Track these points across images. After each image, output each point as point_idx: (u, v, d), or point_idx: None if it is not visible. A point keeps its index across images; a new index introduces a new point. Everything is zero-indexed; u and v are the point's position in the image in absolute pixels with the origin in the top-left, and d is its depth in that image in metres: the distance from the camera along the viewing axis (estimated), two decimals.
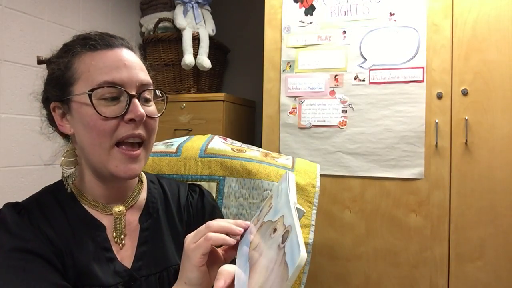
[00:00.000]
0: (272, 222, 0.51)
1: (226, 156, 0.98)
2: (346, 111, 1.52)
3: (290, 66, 1.60)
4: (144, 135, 0.66)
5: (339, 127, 1.53)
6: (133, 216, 0.73)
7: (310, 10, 1.58)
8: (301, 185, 0.97)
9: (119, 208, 0.71)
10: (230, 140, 1.12)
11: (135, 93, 0.65)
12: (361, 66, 1.50)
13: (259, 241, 0.51)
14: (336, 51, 1.54)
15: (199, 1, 1.99)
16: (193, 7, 1.97)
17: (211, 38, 1.98)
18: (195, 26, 1.96)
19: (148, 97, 0.69)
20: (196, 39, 1.92)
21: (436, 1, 1.42)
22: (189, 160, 0.98)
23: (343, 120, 1.52)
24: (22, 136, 1.52)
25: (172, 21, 1.97)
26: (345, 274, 1.51)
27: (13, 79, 1.49)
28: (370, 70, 1.49)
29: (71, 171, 0.70)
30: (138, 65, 0.69)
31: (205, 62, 1.89)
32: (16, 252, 0.59)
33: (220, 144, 1.04)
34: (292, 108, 1.59)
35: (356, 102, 1.51)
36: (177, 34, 1.93)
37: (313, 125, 1.56)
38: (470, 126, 1.37)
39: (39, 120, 0.76)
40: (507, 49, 1.33)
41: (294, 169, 1.02)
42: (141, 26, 2.20)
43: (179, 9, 1.95)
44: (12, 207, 0.66)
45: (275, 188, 0.60)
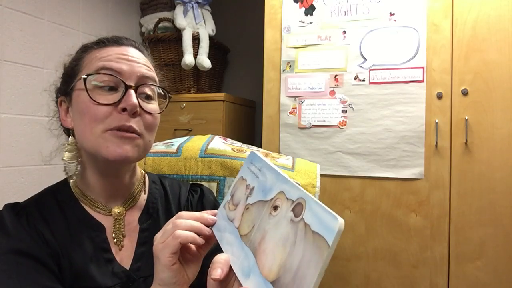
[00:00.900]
0: (266, 202, 0.49)
1: (226, 156, 0.98)
2: (346, 111, 1.52)
3: (290, 66, 1.60)
4: (137, 129, 0.65)
5: (339, 127, 1.53)
6: (133, 216, 0.73)
7: (310, 10, 1.58)
8: (301, 185, 0.97)
9: (118, 209, 0.70)
10: (230, 140, 1.12)
11: (133, 84, 0.65)
12: (361, 66, 1.50)
13: (253, 224, 0.49)
14: (336, 51, 1.54)
15: (199, 1, 1.99)
16: (193, 7, 1.97)
17: (211, 38, 1.98)
18: (195, 26, 1.96)
19: (150, 94, 0.68)
20: (196, 39, 1.92)
21: (436, 1, 1.42)
22: (189, 160, 0.98)
23: (343, 120, 1.52)
24: (22, 136, 1.52)
25: (172, 21, 1.97)
26: (345, 274, 1.52)
27: (13, 79, 1.49)
28: (370, 70, 1.49)
29: (73, 165, 0.70)
30: (144, 61, 0.69)
31: (205, 62, 1.89)
32: (11, 254, 0.59)
33: (221, 144, 1.04)
34: (292, 108, 1.59)
35: (356, 102, 1.51)
36: (177, 34, 1.93)
37: (313, 125, 1.56)
38: (470, 126, 1.37)
39: (39, 120, 0.76)
40: (507, 49, 1.33)
41: (294, 169, 1.02)
42: (141, 26, 2.20)
43: (179, 9, 1.95)
44: (11, 208, 0.65)
45: (244, 170, 0.57)
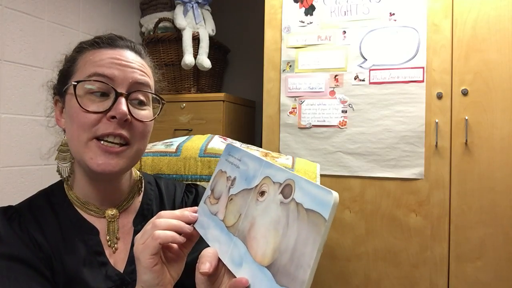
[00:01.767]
0: (251, 189, 0.48)
1: None
2: (346, 111, 1.52)
3: (290, 66, 1.60)
4: (128, 136, 0.64)
5: (339, 127, 1.53)
6: (127, 218, 0.72)
7: (310, 10, 1.58)
8: None
9: (112, 212, 0.70)
10: (230, 140, 1.12)
11: (124, 91, 0.63)
12: (361, 66, 1.50)
13: (239, 213, 0.48)
14: (336, 51, 1.54)
15: (199, 1, 1.99)
16: (193, 7, 1.97)
17: (211, 38, 1.98)
18: (195, 26, 1.96)
19: (143, 99, 0.67)
20: (196, 39, 1.92)
21: (436, 1, 1.42)
22: (188, 160, 0.98)
23: (343, 120, 1.52)
24: (22, 136, 1.52)
25: (172, 21, 1.97)
26: (345, 274, 1.51)
27: (13, 79, 1.49)
28: (370, 70, 1.49)
29: (66, 165, 0.70)
30: (138, 66, 0.67)
31: (205, 62, 1.89)
32: (2, 260, 0.59)
33: (220, 144, 1.04)
34: (292, 108, 1.59)
35: (356, 102, 1.51)
36: (177, 34, 1.93)
37: (313, 125, 1.56)
38: (470, 126, 1.37)
39: (39, 120, 0.76)
40: (507, 49, 1.33)
41: (294, 169, 1.02)
42: (141, 26, 2.20)
43: (179, 9, 1.95)
44: (4, 212, 0.65)
45: (222, 163, 0.57)
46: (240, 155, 0.54)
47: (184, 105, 1.90)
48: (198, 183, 0.94)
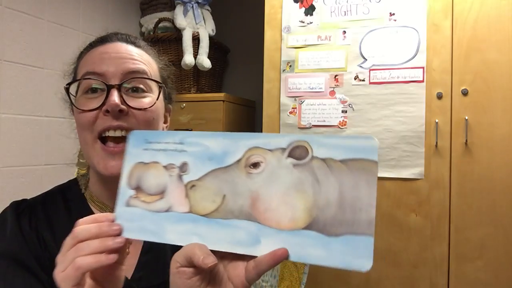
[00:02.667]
0: (229, 166, 0.44)
1: None
2: (346, 111, 1.52)
3: (290, 66, 1.60)
4: (129, 126, 0.62)
5: (339, 127, 1.53)
6: None
7: (310, 10, 1.58)
8: None
9: None
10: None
11: (117, 82, 0.62)
12: (361, 66, 1.50)
13: (221, 195, 0.44)
14: (336, 51, 1.54)
15: (199, 1, 1.99)
16: (193, 7, 1.97)
17: (211, 38, 1.98)
18: (195, 26, 1.96)
19: (141, 86, 0.64)
20: (196, 39, 1.92)
21: (436, 1, 1.42)
22: None
23: (343, 120, 1.52)
24: (22, 136, 1.52)
25: (172, 21, 1.97)
26: (345, 274, 1.51)
27: (13, 79, 1.49)
28: (370, 70, 1.49)
29: (84, 172, 0.70)
30: (129, 55, 0.65)
31: (205, 62, 1.89)
32: (2, 258, 0.58)
33: None
34: (292, 108, 1.59)
35: (356, 102, 1.51)
36: (177, 34, 1.93)
37: (313, 125, 1.56)
38: (470, 126, 1.37)
39: (39, 120, 0.77)
40: (507, 49, 1.33)
41: None
42: (141, 26, 2.20)
43: (179, 9, 1.95)
44: (16, 206, 0.65)
45: (137, 155, 0.49)
46: (179, 137, 0.47)
47: (184, 105, 1.90)
48: None
